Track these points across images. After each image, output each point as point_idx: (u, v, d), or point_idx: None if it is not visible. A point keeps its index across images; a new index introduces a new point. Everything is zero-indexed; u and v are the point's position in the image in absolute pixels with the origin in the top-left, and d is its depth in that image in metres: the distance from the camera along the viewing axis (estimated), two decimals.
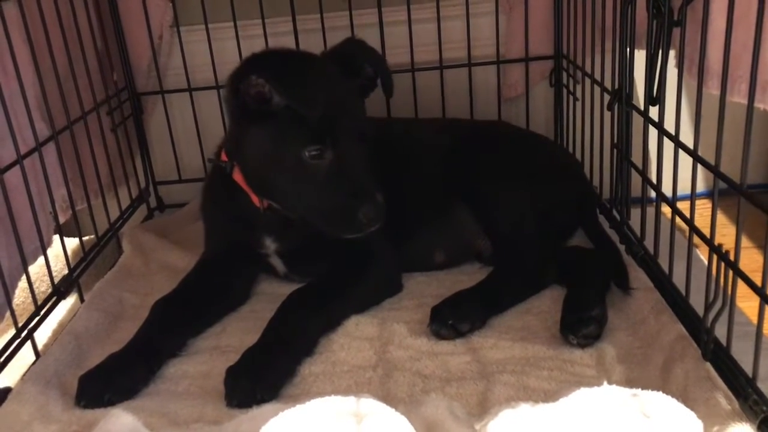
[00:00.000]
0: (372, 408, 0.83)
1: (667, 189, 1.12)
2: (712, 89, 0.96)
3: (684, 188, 1.04)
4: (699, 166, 0.99)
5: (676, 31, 1.08)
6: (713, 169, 0.94)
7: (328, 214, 1.22)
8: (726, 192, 0.92)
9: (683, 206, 1.08)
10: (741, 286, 0.91)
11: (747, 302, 0.97)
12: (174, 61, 1.78)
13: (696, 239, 1.03)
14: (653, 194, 1.19)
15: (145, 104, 1.82)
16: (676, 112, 1.06)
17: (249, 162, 1.29)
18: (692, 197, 1.01)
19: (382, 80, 1.33)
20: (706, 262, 0.99)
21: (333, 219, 1.22)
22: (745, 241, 0.90)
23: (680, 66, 1.06)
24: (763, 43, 0.82)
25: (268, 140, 1.23)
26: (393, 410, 0.84)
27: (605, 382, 0.89)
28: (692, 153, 1.01)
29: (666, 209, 1.14)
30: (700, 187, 0.99)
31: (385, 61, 1.36)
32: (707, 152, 0.98)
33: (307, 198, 1.23)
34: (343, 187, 1.20)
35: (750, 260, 0.95)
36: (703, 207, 1.00)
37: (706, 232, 0.98)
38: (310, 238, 1.33)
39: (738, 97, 0.90)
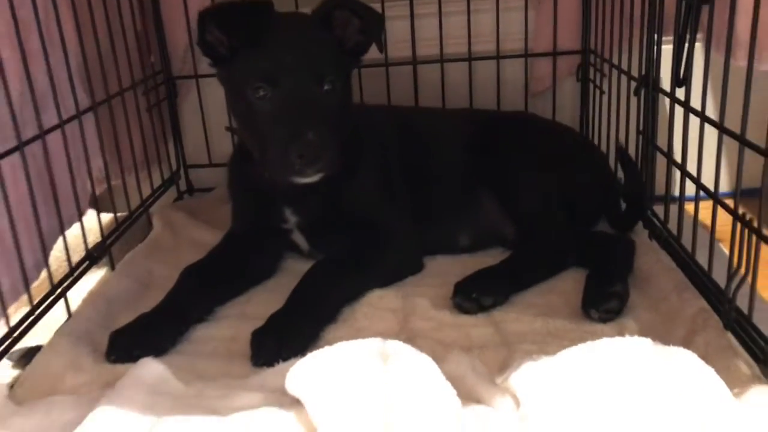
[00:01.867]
0: (398, 348, 0.85)
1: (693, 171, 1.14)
2: (740, 60, 0.97)
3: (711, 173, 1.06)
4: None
5: (704, 14, 1.10)
6: (738, 137, 0.96)
7: (269, 156, 1.21)
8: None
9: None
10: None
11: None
12: None
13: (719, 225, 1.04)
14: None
15: (179, 88, 1.86)
16: (703, 89, 1.07)
17: (230, 110, 1.34)
18: (717, 167, 1.03)
19: (368, 30, 1.29)
20: (727, 252, 1.00)
21: (272, 161, 1.21)
22: None
23: (708, 44, 1.08)
24: None
25: (228, 81, 1.29)
26: (419, 352, 0.85)
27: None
28: (718, 125, 1.03)
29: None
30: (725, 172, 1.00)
31: (372, 12, 1.29)
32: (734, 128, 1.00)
33: (257, 140, 1.26)
34: (280, 128, 1.20)
35: None
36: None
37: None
38: (327, 210, 1.36)
39: (767, 65, 0.91)
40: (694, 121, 1.12)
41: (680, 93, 1.19)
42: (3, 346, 1.10)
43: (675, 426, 0.76)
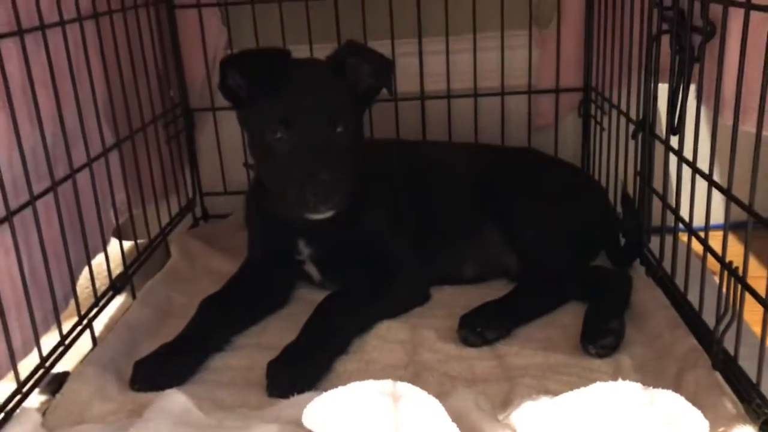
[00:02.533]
0: (407, 390, 0.92)
1: (686, 214, 1.21)
2: (727, 119, 1.04)
3: (702, 214, 1.13)
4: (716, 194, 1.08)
5: (697, 67, 1.17)
6: (725, 191, 1.03)
7: (285, 194, 1.29)
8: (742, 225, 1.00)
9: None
10: (749, 303, 1.00)
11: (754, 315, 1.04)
12: None
13: (710, 263, 1.11)
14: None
15: (196, 120, 1.94)
16: (694, 140, 1.14)
17: (248, 148, 1.44)
18: (707, 218, 1.10)
19: (378, 75, 1.37)
20: (718, 282, 1.07)
21: (288, 199, 1.29)
22: (761, 270, 0.98)
23: (699, 99, 1.15)
24: None
25: (247, 122, 1.40)
26: (426, 393, 0.92)
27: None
28: (707, 177, 1.10)
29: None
30: (717, 215, 1.07)
31: (382, 58, 1.38)
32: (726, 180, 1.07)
33: (273, 179, 1.35)
34: (295, 167, 1.27)
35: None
36: (719, 234, 1.08)
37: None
38: (338, 243, 1.43)
39: (749, 125, 0.98)
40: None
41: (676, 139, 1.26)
42: (36, 376, 1.16)
43: None
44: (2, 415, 1.06)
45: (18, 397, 1.11)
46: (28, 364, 1.16)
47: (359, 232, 1.44)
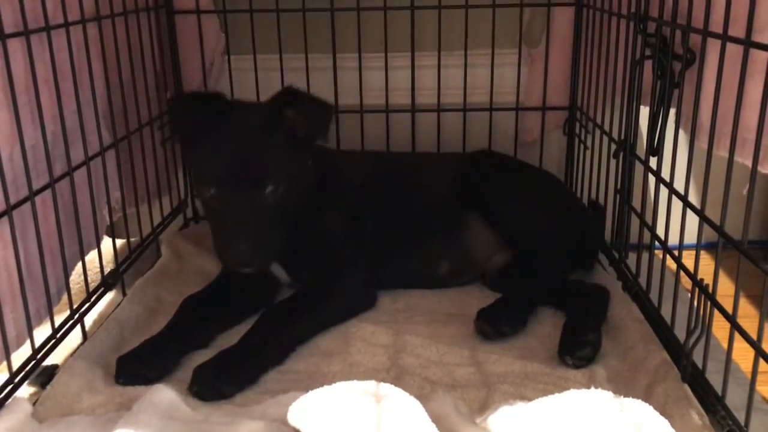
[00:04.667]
0: (390, 391, 0.96)
1: (662, 233, 1.26)
2: (702, 143, 1.10)
3: (677, 233, 1.18)
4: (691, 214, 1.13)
5: (677, 92, 1.23)
6: (698, 212, 1.08)
7: (216, 243, 1.36)
8: (715, 245, 1.05)
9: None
10: (718, 320, 1.05)
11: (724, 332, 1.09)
12: (222, 85, 1.94)
13: (683, 280, 1.16)
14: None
15: None
16: (671, 162, 1.20)
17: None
18: (681, 236, 1.15)
19: (312, 126, 1.37)
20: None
21: (217, 249, 1.35)
22: (730, 289, 1.02)
23: (677, 122, 1.21)
24: (744, 107, 0.97)
25: (192, 164, 1.45)
26: (408, 395, 0.96)
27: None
28: (682, 198, 1.15)
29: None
30: (692, 235, 1.12)
31: (321, 108, 1.38)
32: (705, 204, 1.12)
33: (210, 223, 1.41)
34: (223, 228, 1.32)
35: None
36: (693, 253, 1.14)
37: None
38: (297, 247, 1.45)
39: (723, 151, 1.04)
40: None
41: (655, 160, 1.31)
42: (28, 368, 1.19)
43: None
44: None
45: (9, 387, 1.14)
46: (19, 356, 1.19)
47: (312, 238, 1.49)
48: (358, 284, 1.51)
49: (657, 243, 1.29)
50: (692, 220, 1.11)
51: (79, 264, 1.39)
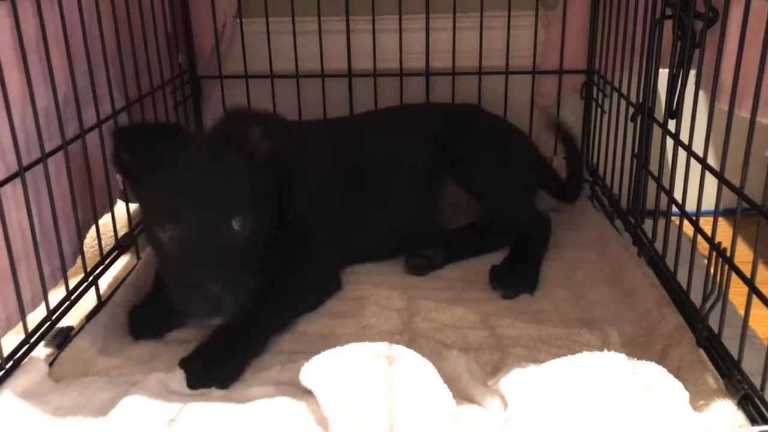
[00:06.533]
0: (403, 352, 0.96)
1: (680, 197, 1.24)
2: (723, 104, 1.07)
3: (695, 200, 1.16)
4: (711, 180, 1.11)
5: (697, 52, 1.20)
6: (718, 175, 1.06)
7: (175, 294, 1.13)
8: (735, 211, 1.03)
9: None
10: (735, 286, 1.04)
11: (740, 298, 1.08)
12: (234, 49, 1.92)
13: (700, 246, 1.15)
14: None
15: (204, 87, 1.96)
16: (690, 125, 1.17)
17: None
18: (699, 200, 1.13)
19: (268, 143, 1.24)
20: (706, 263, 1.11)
21: (177, 301, 1.13)
22: (748, 255, 1.00)
23: (697, 84, 1.18)
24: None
25: (141, 205, 1.26)
26: (421, 356, 0.96)
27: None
28: (701, 160, 1.13)
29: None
30: (711, 201, 1.10)
31: (270, 120, 1.30)
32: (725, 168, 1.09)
33: (165, 273, 1.22)
34: (185, 271, 1.11)
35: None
36: (712, 219, 1.12)
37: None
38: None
39: (745, 111, 1.01)
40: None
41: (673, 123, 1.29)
42: (43, 329, 1.20)
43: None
44: (11, 363, 1.10)
45: (26, 347, 1.15)
46: (35, 317, 1.20)
47: (282, 221, 1.33)
48: (329, 270, 1.44)
49: (674, 209, 1.27)
50: (710, 185, 1.09)
51: (93, 228, 1.39)
